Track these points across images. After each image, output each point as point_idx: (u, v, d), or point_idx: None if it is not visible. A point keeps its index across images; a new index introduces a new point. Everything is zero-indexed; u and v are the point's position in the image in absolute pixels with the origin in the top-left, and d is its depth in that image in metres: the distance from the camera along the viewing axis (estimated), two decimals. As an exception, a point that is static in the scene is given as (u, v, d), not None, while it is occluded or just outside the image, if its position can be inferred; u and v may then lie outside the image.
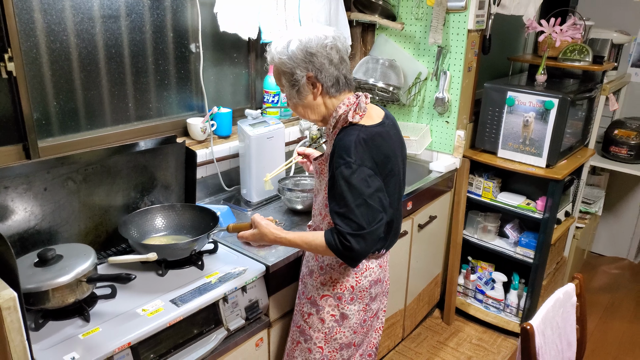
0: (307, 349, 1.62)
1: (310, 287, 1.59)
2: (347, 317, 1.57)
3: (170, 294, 1.44)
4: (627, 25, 3.27)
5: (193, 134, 2.07)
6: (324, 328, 1.59)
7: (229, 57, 2.24)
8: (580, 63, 2.72)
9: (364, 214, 1.34)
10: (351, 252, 1.35)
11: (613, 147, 3.26)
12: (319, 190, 1.55)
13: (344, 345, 1.61)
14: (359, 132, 1.37)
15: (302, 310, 1.62)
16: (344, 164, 1.34)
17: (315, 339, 1.60)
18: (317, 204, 1.59)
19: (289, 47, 1.38)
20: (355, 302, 1.56)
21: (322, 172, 1.51)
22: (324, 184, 1.49)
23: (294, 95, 1.44)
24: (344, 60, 1.42)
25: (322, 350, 1.61)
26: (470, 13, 2.40)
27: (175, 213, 1.74)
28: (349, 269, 1.53)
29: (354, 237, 1.33)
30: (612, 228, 3.74)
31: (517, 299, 2.83)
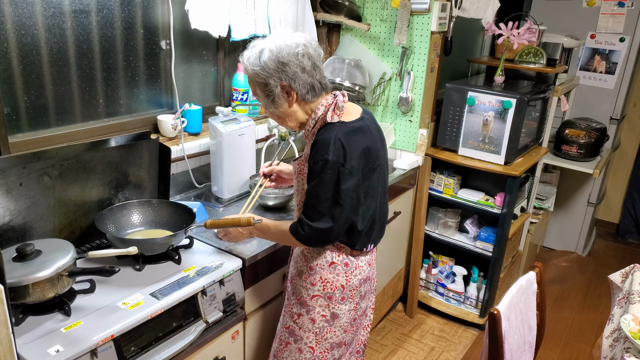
0: (298, 349, 1.64)
1: (299, 288, 1.60)
2: (338, 316, 1.59)
3: (149, 288, 1.45)
4: (576, 31, 3.48)
5: (164, 131, 2.06)
6: (314, 328, 1.60)
7: (199, 55, 2.25)
8: (535, 65, 2.88)
9: (331, 210, 1.40)
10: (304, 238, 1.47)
11: (564, 146, 3.46)
12: (298, 191, 1.58)
13: (335, 345, 1.63)
14: (338, 129, 1.41)
15: (292, 311, 1.63)
16: (321, 160, 1.38)
17: (306, 339, 1.62)
18: (297, 204, 1.62)
19: (261, 57, 1.40)
20: (346, 302, 1.59)
21: (302, 173, 1.54)
22: (303, 181, 1.52)
23: (269, 104, 1.47)
24: (316, 66, 1.44)
25: (313, 350, 1.62)
26: (434, 15, 2.51)
27: (151, 209, 1.74)
28: (338, 268, 1.56)
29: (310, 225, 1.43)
30: (562, 223, 3.95)
31: (477, 292, 2.96)
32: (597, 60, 3.56)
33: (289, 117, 1.49)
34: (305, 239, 1.47)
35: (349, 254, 1.56)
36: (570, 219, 3.91)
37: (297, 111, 1.47)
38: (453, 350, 2.78)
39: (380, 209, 1.58)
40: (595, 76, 3.59)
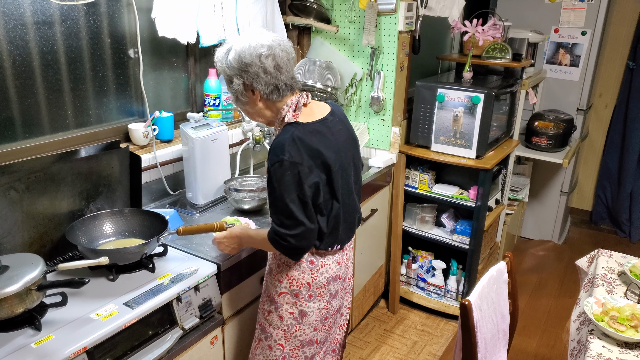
0: (268, 347, 1.65)
1: (269, 285, 1.63)
2: (306, 314, 1.60)
3: (123, 298, 1.44)
4: (541, 26, 3.55)
5: (135, 140, 2.06)
6: (283, 325, 1.62)
7: (168, 62, 2.24)
8: (502, 60, 2.94)
9: (304, 211, 1.41)
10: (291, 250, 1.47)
11: (534, 138, 3.53)
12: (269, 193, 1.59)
13: (305, 343, 1.64)
14: (293, 130, 1.44)
15: (263, 308, 1.66)
16: (277, 162, 1.39)
17: (275, 336, 1.63)
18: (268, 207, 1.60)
19: (228, 56, 1.46)
20: (314, 300, 1.60)
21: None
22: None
23: (235, 100, 1.54)
24: (280, 67, 1.45)
25: (282, 347, 1.64)
26: (400, 15, 2.54)
27: (123, 218, 1.74)
28: (303, 266, 1.57)
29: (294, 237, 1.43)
30: (538, 213, 4.04)
31: (456, 284, 3.01)
32: (562, 54, 3.64)
33: (256, 113, 1.55)
34: (288, 249, 1.47)
35: (315, 253, 1.58)
36: (545, 209, 3.99)
37: (263, 109, 1.52)
38: (435, 344, 2.82)
39: (345, 209, 1.57)
40: (561, 69, 3.67)
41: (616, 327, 1.41)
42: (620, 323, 1.42)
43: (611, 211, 4.23)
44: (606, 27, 3.65)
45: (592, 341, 1.44)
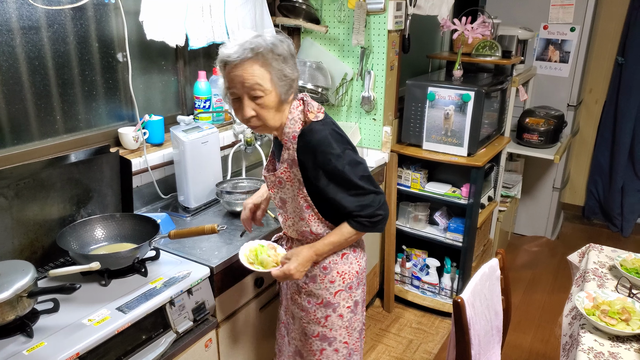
0: (334, 351, 1.66)
1: (318, 292, 1.61)
2: (359, 302, 1.66)
3: (115, 302, 1.44)
4: (530, 23, 3.57)
5: (125, 144, 2.05)
6: (344, 322, 1.64)
7: (157, 65, 2.24)
8: (492, 58, 2.95)
9: (371, 183, 1.48)
10: (382, 221, 1.50)
11: (526, 134, 3.55)
12: (291, 198, 1.55)
13: (362, 330, 1.71)
14: (324, 126, 1.44)
15: (316, 318, 1.63)
16: (334, 157, 1.41)
17: (339, 336, 1.65)
18: (292, 212, 1.58)
19: (282, 42, 1.36)
20: (361, 285, 1.66)
21: (289, 179, 1.52)
22: (296, 187, 1.51)
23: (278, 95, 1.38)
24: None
25: (347, 344, 1.67)
26: (389, 14, 2.55)
27: (115, 223, 1.73)
28: (350, 257, 1.61)
29: (381, 207, 1.48)
30: (531, 209, 4.06)
31: (451, 282, 3.01)
32: (552, 50, 3.66)
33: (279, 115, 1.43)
34: (378, 222, 1.50)
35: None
36: (538, 205, 4.01)
37: (285, 109, 1.45)
38: (431, 342, 2.83)
39: None
40: (551, 65, 3.69)
41: (607, 321, 1.42)
42: (611, 317, 1.43)
43: (603, 206, 4.26)
44: (595, 23, 3.68)
45: (583, 335, 1.45)
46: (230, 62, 1.34)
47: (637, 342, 1.41)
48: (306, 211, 1.54)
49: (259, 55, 1.33)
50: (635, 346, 1.39)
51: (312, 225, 1.56)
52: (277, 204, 1.62)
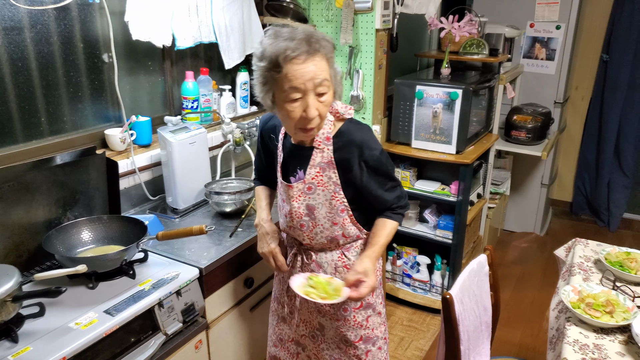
0: (378, 349, 1.66)
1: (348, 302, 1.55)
2: (381, 290, 1.68)
3: (103, 305, 1.43)
4: (516, 21, 3.60)
5: (112, 145, 2.03)
6: (382, 319, 1.66)
7: (144, 66, 2.22)
8: (479, 56, 2.97)
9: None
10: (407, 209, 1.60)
11: (514, 132, 3.57)
12: (322, 203, 1.49)
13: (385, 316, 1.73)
14: (359, 124, 1.48)
15: (357, 323, 1.60)
16: (378, 152, 1.45)
17: (380, 333, 1.65)
18: (322, 218, 1.51)
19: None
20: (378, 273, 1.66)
21: (321, 184, 1.47)
22: (331, 190, 1.47)
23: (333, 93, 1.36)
24: None
25: (385, 339, 1.69)
26: (377, 13, 2.55)
27: (102, 225, 1.71)
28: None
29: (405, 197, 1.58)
30: (519, 206, 4.08)
31: (441, 279, 3.03)
32: (538, 48, 3.69)
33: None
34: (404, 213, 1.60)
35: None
36: (527, 201, 4.04)
37: None
38: (422, 339, 2.84)
39: None
40: (537, 63, 3.72)
41: (592, 314, 1.44)
42: (595, 309, 1.45)
43: (590, 201, 4.30)
44: (580, 21, 3.71)
45: (569, 328, 1.46)
46: (295, 56, 1.24)
47: (621, 333, 1.42)
48: (341, 215, 1.50)
49: (325, 49, 1.29)
50: (619, 337, 1.41)
51: (346, 228, 1.52)
52: (301, 213, 1.51)
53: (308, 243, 1.57)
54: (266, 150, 1.67)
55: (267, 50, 1.27)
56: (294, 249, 1.62)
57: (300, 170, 1.50)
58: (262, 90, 1.33)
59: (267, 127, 1.62)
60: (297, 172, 1.51)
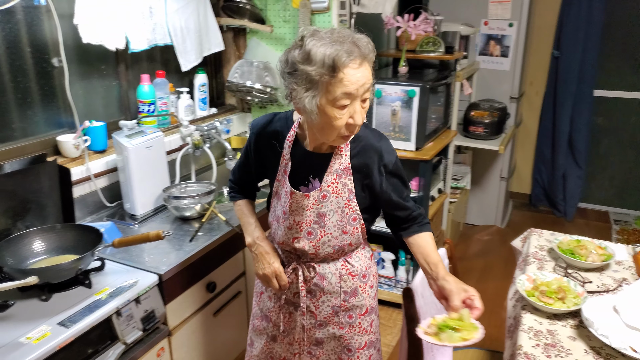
0: (377, 351, 1.62)
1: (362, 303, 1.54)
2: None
3: (57, 317, 1.39)
4: (471, 19, 3.68)
5: (66, 152, 1.98)
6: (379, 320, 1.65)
7: (97, 69, 2.17)
8: (435, 54, 3.03)
9: None
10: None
11: (472, 127, 3.65)
12: (333, 211, 1.41)
13: None
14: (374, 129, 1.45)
15: (362, 329, 1.56)
16: (395, 158, 1.43)
17: (379, 335, 1.64)
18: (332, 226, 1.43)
19: None
20: None
21: (335, 191, 1.40)
22: (344, 198, 1.41)
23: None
24: None
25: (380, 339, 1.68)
26: (334, 13, 2.56)
27: (55, 234, 1.66)
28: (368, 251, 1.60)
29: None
30: (480, 199, 4.18)
31: (406, 274, 3.07)
32: (493, 45, 3.79)
33: None
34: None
35: None
36: (487, 195, 4.14)
37: None
38: (389, 334, 2.87)
39: None
40: (492, 60, 3.82)
41: (545, 301, 1.49)
42: (548, 297, 1.50)
43: (548, 193, 4.44)
44: (531, 19, 3.82)
45: (524, 316, 1.51)
46: (351, 60, 1.17)
47: (572, 318, 1.48)
48: (352, 223, 1.43)
49: (372, 52, 1.23)
50: (571, 322, 1.46)
51: (355, 237, 1.46)
52: (310, 221, 1.43)
53: (313, 253, 1.46)
54: (259, 158, 1.51)
55: (317, 53, 1.17)
56: (293, 264, 1.51)
57: (313, 178, 1.42)
58: (307, 95, 1.21)
59: (268, 132, 1.46)
60: (311, 181, 1.42)
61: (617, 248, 1.89)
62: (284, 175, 1.43)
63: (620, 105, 4.11)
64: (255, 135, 1.49)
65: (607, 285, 1.66)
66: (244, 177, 1.61)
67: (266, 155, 1.48)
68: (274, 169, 1.46)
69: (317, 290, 1.50)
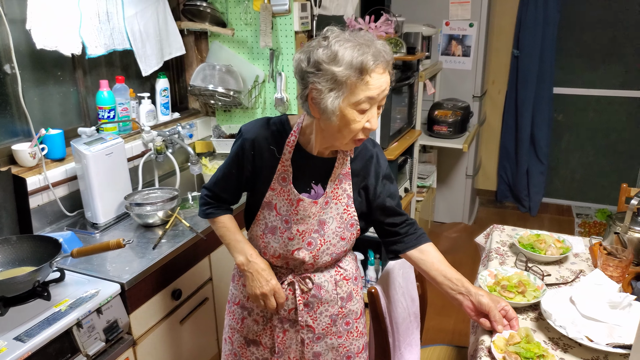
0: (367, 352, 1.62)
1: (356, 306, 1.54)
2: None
3: (13, 332, 1.34)
4: (433, 20, 3.74)
5: (21, 161, 1.92)
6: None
7: (53, 76, 2.12)
8: (397, 54, 3.06)
9: None
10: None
11: (436, 126, 3.71)
12: (333, 217, 1.39)
13: None
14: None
15: (359, 332, 1.56)
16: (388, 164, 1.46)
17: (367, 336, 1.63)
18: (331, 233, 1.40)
19: None
20: None
21: (336, 197, 1.38)
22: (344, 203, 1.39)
23: None
24: None
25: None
26: (295, 16, 2.57)
27: (10, 247, 1.61)
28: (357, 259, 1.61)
29: None
30: (447, 197, 4.25)
31: (375, 274, 3.09)
32: (454, 45, 3.86)
33: None
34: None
35: None
36: (454, 193, 4.21)
37: None
38: (360, 335, 2.88)
39: None
40: (455, 59, 3.89)
41: (506, 295, 1.52)
42: (509, 291, 1.53)
43: (512, 189, 4.55)
44: (490, 19, 3.92)
45: (487, 311, 1.53)
46: (378, 65, 1.17)
47: (532, 311, 1.51)
48: (350, 229, 1.42)
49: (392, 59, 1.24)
50: (531, 315, 1.50)
51: (350, 244, 1.46)
52: (312, 228, 1.38)
53: (311, 263, 1.41)
54: (253, 165, 1.39)
55: (345, 54, 1.15)
56: (288, 278, 1.45)
57: (315, 184, 1.38)
58: (330, 96, 1.18)
59: (265, 136, 1.37)
60: (313, 187, 1.38)
61: (575, 241, 1.95)
62: (282, 183, 1.36)
63: (578, 102, 4.25)
64: (250, 140, 1.37)
65: (565, 278, 1.71)
66: (228, 189, 1.48)
67: (262, 162, 1.38)
68: (268, 176, 1.38)
69: (315, 302, 1.46)
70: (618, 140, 4.21)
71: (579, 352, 1.34)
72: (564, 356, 1.32)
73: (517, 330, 1.33)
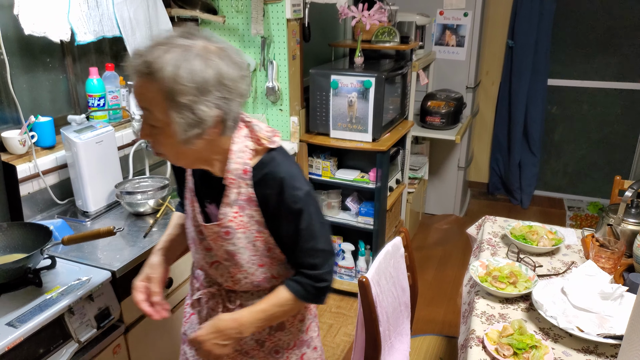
0: None
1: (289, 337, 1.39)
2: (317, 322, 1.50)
3: (5, 318, 1.34)
4: (427, 9, 3.73)
5: (11, 149, 1.90)
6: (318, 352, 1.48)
7: (42, 63, 2.09)
8: (390, 44, 3.05)
9: (329, 239, 1.23)
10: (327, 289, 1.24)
11: (428, 117, 3.71)
12: (244, 247, 1.23)
13: None
14: (285, 156, 1.20)
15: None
16: (301, 197, 1.15)
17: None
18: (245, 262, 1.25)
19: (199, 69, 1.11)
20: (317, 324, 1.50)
21: (241, 226, 1.20)
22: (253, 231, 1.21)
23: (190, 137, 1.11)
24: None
25: None
26: (287, 3, 2.54)
27: (1, 234, 1.59)
28: None
29: (329, 272, 1.23)
30: (439, 189, 4.26)
31: (366, 264, 3.10)
32: (448, 35, 3.85)
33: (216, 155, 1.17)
34: (321, 291, 1.24)
35: None
36: (445, 184, 4.22)
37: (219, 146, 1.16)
38: (350, 324, 2.90)
39: None
40: (448, 49, 3.88)
41: (497, 286, 1.54)
42: (501, 281, 1.55)
43: (504, 181, 4.57)
44: (485, 8, 3.91)
45: (477, 301, 1.55)
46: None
47: (523, 302, 1.53)
48: (267, 254, 1.25)
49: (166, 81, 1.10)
50: (522, 306, 1.52)
51: (276, 268, 1.27)
52: (220, 257, 1.26)
53: (230, 286, 1.32)
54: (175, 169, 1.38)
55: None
56: (214, 288, 1.35)
57: (210, 203, 1.25)
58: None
59: None
60: (207, 206, 1.26)
61: (567, 232, 1.97)
62: (190, 193, 1.28)
63: (572, 94, 4.25)
64: None
65: (557, 269, 1.72)
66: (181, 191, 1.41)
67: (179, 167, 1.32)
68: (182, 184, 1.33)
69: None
70: (611, 132, 4.23)
71: (569, 342, 1.35)
72: (555, 346, 1.34)
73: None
